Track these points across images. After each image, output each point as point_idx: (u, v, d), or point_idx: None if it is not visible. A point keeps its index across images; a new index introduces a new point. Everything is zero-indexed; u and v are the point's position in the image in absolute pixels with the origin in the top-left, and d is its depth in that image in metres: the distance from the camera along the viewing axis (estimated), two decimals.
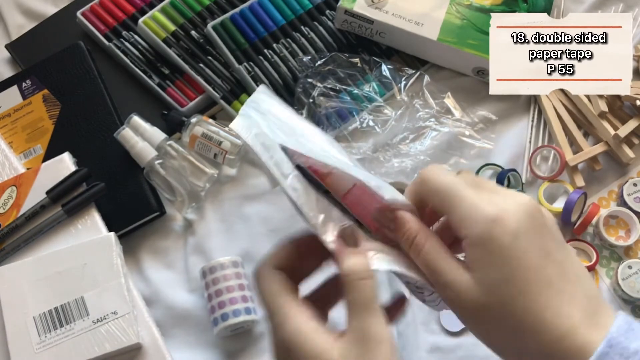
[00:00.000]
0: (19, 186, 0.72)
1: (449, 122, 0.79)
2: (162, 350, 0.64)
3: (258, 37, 0.83)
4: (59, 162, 0.73)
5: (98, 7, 0.87)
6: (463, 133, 0.78)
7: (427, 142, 0.77)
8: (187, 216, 0.76)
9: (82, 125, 0.79)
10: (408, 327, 0.68)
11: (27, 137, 0.80)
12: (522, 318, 0.34)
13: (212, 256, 0.72)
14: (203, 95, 0.82)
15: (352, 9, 0.79)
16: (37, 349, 0.62)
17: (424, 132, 0.78)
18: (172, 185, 0.75)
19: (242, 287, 0.68)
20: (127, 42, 0.85)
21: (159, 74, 0.83)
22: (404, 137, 0.78)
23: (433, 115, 0.79)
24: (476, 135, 0.78)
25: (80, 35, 0.87)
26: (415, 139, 0.78)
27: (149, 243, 0.75)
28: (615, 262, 0.71)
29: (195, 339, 0.70)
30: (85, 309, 0.63)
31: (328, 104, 0.78)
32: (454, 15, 0.79)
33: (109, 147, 0.77)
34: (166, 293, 0.72)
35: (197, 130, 0.76)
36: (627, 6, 0.86)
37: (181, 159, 0.76)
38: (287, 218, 0.75)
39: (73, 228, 0.69)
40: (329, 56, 0.80)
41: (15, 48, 0.88)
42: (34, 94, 0.82)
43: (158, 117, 0.79)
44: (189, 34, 0.84)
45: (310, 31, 0.84)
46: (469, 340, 0.68)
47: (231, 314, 0.66)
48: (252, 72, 0.81)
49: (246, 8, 0.84)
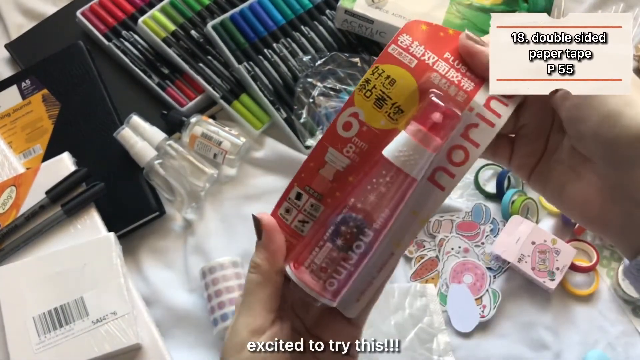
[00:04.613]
0: (18, 186, 0.72)
1: None
2: (161, 351, 0.64)
3: (258, 37, 0.83)
4: (59, 162, 0.73)
5: (98, 7, 0.87)
6: None
7: None
8: (186, 216, 0.76)
9: (81, 125, 0.79)
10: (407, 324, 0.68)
11: (27, 137, 0.80)
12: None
13: (212, 256, 0.72)
14: (203, 95, 0.81)
15: (352, 8, 0.79)
16: (37, 349, 0.61)
17: None
18: (171, 185, 0.75)
19: (242, 287, 0.68)
20: (127, 42, 0.85)
21: (158, 73, 0.83)
22: None
23: None
24: None
25: (79, 35, 0.87)
26: None
27: (149, 243, 0.75)
28: (615, 262, 0.71)
29: (195, 339, 0.70)
30: (85, 309, 0.63)
31: (328, 104, 0.78)
32: (454, 15, 0.79)
33: (108, 147, 0.77)
34: (166, 293, 0.72)
35: (196, 130, 0.76)
36: (627, 6, 0.86)
37: (181, 159, 0.76)
38: None
39: (72, 228, 0.69)
40: (329, 56, 0.80)
41: (15, 48, 0.88)
42: (34, 94, 0.82)
43: (158, 117, 0.79)
44: (189, 34, 0.84)
45: (310, 31, 0.84)
46: (470, 341, 0.68)
47: (231, 314, 0.66)
48: (252, 71, 0.81)
49: (246, 8, 0.84)
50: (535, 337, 0.68)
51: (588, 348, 0.67)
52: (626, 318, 0.69)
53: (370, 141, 0.37)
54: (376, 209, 0.35)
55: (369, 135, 0.37)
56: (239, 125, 0.80)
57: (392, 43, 0.37)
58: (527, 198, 0.73)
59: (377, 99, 0.36)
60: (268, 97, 0.79)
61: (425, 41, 0.37)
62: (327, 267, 0.35)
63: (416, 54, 0.36)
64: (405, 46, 0.37)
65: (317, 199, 0.37)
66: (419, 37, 0.37)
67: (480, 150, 0.36)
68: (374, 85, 0.36)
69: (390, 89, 0.36)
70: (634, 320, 0.69)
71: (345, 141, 0.37)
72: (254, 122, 0.80)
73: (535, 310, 0.69)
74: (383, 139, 0.36)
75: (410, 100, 0.36)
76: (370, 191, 0.35)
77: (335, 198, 0.37)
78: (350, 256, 0.35)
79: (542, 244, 0.69)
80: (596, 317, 0.69)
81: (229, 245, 0.74)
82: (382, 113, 0.36)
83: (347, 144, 0.37)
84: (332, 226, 0.35)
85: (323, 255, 0.35)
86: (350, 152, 0.37)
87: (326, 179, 0.37)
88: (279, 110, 0.79)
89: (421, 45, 0.37)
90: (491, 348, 0.68)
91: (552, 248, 0.69)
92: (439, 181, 0.36)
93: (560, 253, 0.69)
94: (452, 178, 0.36)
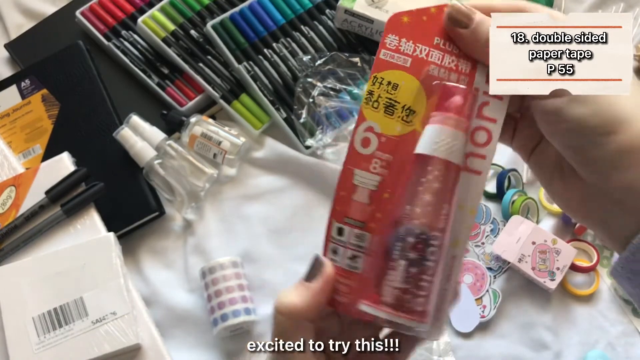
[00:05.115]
0: (17, 186, 0.72)
1: None
2: (161, 351, 0.64)
3: (258, 37, 0.83)
4: (58, 162, 0.73)
5: (97, 7, 0.87)
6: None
7: None
8: (186, 216, 0.76)
9: (81, 125, 0.79)
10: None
11: (26, 137, 0.80)
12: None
13: (212, 256, 0.72)
14: (202, 95, 0.81)
15: (352, 8, 0.79)
16: (36, 349, 0.61)
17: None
18: (171, 185, 0.75)
19: (242, 287, 0.68)
20: (127, 42, 0.85)
21: (158, 73, 0.83)
22: None
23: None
24: None
25: (79, 34, 0.87)
26: None
27: (149, 243, 0.75)
28: None
29: (195, 340, 0.70)
30: (85, 309, 0.63)
31: (328, 104, 0.78)
32: None
33: (108, 147, 0.77)
34: (165, 293, 0.72)
35: (196, 130, 0.76)
36: (627, 6, 0.86)
37: (181, 159, 0.76)
38: (287, 218, 0.75)
39: (72, 228, 0.69)
40: (329, 56, 0.80)
41: (15, 47, 0.88)
42: (33, 94, 0.82)
43: (157, 117, 0.79)
44: (189, 34, 0.84)
45: (310, 30, 0.84)
46: (470, 341, 0.68)
47: (231, 315, 0.66)
48: (252, 71, 0.81)
49: (246, 7, 0.84)
50: (535, 337, 0.68)
51: (588, 348, 0.67)
52: (626, 318, 0.69)
53: (393, 151, 0.36)
54: (435, 208, 0.33)
55: (389, 145, 0.36)
56: (238, 125, 0.80)
57: (381, 48, 0.36)
58: (527, 198, 0.73)
59: (386, 107, 0.36)
60: (268, 97, 0.79)
61: (411, 34, 0.36)
62: (409, 286, 0.33)
63: (407, 51, 0.36)
64: (394, 47, 0.36)
65: (360, 228, 0.36)
66: (404, 32, 0.36)
67: (499, 125, 0.36)
68: (378, 95, 0.36)
69: (396, 94, 0.36)
70: (634, 320, 0.68)
71: (369, 158, 0.36)
72: (253, 122, 0.80)
73: (536, 310, 0.69)
74: (405, 144, 0.36)
75: (418, 98, 0.36)
76: (421, 192, 0.34)
77: (379, 220, 0.36)
78: (427, 266, 0.33)
79: (542, 244, 0.69)
80: (596, 317, 0.69)
81: (229, 245, 0.74)
82: (396, 119, 0.36)
83: (372, 161, 0.36)
84: (398, 243, 0.33)
85: (400, 275, 0.33)
86: (377, 168, 0.36)
87: (362, 203, 0.36)
88: (279, 110, 0.79)
89: (409, 41, 0.36)
90: (491, 348, 0.68)
91: (552, 248, 0.69)
92: (473, 166, 0.36)
93: (561, 253, 0.69)
94: (484, 159, 0.36)
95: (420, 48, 0.36)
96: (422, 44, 0.36)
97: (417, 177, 0.34)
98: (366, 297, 0.34)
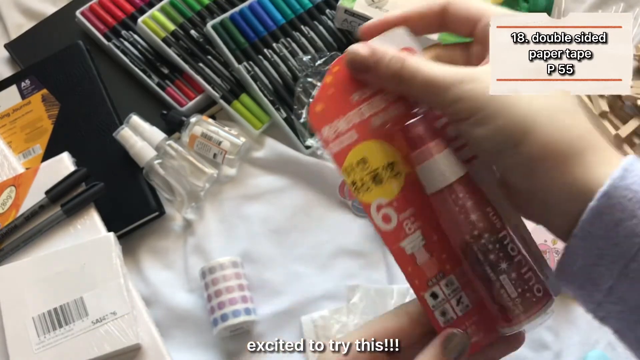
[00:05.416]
0: (17, 186, 0.72)
1: None
2: (161, 351, 0.64)
3: (258, 37, 0.83)
4: (58, 162, 0.73)
5: (97, 7, 0.87)
6: None
7: None
8: (186, 216, 0.76)
9: (81, 125, 0.79)
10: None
11: (26, 137, 0.80)
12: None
13: (212, 256, 0.72)
14: (202, 95, 0.81)
15: (352, 8, 0.79)
16: (36, 349, 0.61)
17: None
18: (171, 185, 0.75)
19: (242, 287, 0.68)
20: (127, 42, 0.85)
21: (158, 73, 0.83)
22: None
23: None
24: None
25: (79, 34, 0.87)
26: None
27: (149, 243, 0.75)
28: None
29: (195, 340, 0.70)
30: (85, 309, 0.63)
31: None
32: None
33: (108, 147, 0.77)
34: (166, 293, 0.72)
35: (196, 130, 0.76)
36: (627, 6, 0.86)
37: (181, 159, 0.76)
38: (287, 218, 0.75)
39: (72, 228, 0.69)
40: (329, 56, 0.80)
41: (15, 47, 0.88)
42: (33, 94, 0.82)
43: (157, 117, 0.79)
44: (189, 34, 0.84)
45: (310, 30, 0.84)
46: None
47: (231, 315, 0.66)
48: (252, 71, 0.81)
49: (246, 7, 0.84)
50: (535, 337, 0.68)
51: (588, 348, 0.67)
52: None
53: (411, 204, 0.37)
54: (484, 216, 0.35)
55: (403, 203, 0.37)
56: (238, 125, 0.80)
57: (324, 146, 0.37)
58: None
59: (373, 181, 0.37)
60: (268, 97, 0.79)
61: (335, 112, 0.37)
62: (520, 288, 0.35)
63: (345, 127, 0.37)
64: (334, 135, 0.37)
65: (443, 278, 0.37)
66: (329, 116, 0.37)
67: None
68: (360, 179, 0.37)
69: (369, 165, 0.37)
70: None
71: (399, 227, 0.37)
72: (253, 122, 0.80)
73: None
74: (412, 191, 0.37)
75: (386, 151, 0.37)
76: (464, 214, 0.35)
77: (449, 260, 0.37)
78: (518, 261, 0.35)
79: (542, 244, 0.69)
80: None
81: (229, 245, 0.74)
82: (387, 182, 0.37)
83: (403, 225, 0.37)
84: (485, 267, 0.35)
85: (509, 289, 0.35)
86: (411, 227, 0.37)
87: (427, 261, 0.37)
88: (279, 110, 0.79)
89: (339, 118, 0.37)
90: None
91: (552, 248, 0.69)
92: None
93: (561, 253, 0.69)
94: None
95: (351, 115, 0.37)
96: (350, 111, 0.37)
97: (451, 207, 0.35)
98: (498, 320, 0.36)
